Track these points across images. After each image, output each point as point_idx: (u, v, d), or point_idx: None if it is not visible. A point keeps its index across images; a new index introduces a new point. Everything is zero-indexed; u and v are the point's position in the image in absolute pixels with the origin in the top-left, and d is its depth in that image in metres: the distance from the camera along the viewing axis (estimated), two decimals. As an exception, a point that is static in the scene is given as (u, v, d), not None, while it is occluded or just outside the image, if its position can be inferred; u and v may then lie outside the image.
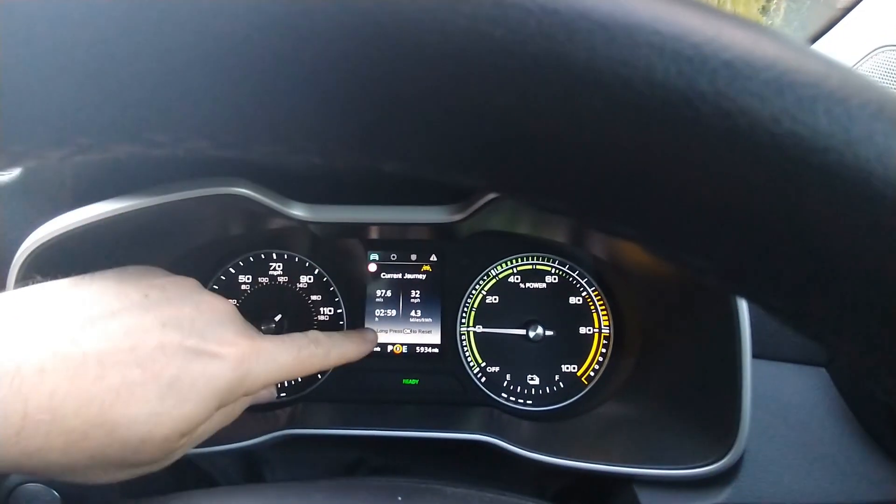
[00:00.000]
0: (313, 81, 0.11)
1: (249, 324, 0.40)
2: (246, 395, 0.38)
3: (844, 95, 0.10)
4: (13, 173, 0.48)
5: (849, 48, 0.71)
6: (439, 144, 0.11)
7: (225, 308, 0.39)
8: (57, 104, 0.12)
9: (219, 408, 0.35)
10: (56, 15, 0.11)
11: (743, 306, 0.40)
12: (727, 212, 0.11)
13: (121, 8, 0.11)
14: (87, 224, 0.41)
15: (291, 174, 0.47)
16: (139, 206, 0.40)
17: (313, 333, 0.45)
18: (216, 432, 0.38)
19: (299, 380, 0.59)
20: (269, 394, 0.44)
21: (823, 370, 0.46)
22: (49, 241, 0.40)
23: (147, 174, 0.44)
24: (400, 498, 0.33)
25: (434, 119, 0.11)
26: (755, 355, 0.41)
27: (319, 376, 0.59)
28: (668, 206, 0.11)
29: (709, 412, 0.45)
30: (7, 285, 0.40)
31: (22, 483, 0.45)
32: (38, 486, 0.45)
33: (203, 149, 0.13)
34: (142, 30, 0.11)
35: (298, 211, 0.46)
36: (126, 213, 0.40)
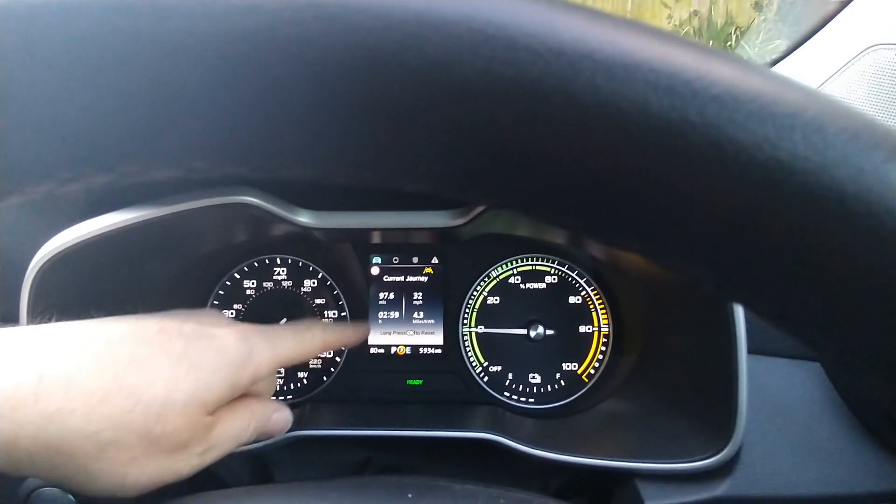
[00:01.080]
0: (352, 113, 0.12)
1: None
2: (255, 377, 0.37)
3: (821, 124, 0.11)
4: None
5: (842, 46, 0.72)
6: (459, 169, 0.13)
7: (213, 311, 0.42)
8: (103, 133, 0.13)
9: (232, 386, 0.35)
10: (109, 51, 0.12)
11: (737, 305, 0.42)
12: (719, 228, 0.12)
13: (171, 38, 0.12)
14: (98, 235, 0.42)
15: (296, 182, 0.48)
16: (149, 217, 0.41)
17: (308, 320, 0.47)
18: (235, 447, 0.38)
19: (306, 382, 0.60)
20: (283, 420, 0.43)
21: (818, 365, 0.48)
22: (61, 252, 0.41)
23: (154, 185, 0.45)
24: (410, 495, 0.34)
25: (453, 148, 0.12)
26: (751, 351, 0.42)
27: (325, 378, 0.60)
28: (666, 224, 0.12)
29: (706, 407, 0.46)
30: (21, 297, 0.41)
31: (39, 487, 0.46)
32: (55, 490, 0.46)
33: (239, 174, 0.14)
34: (187, 61, 0.12)
35: (304, 218, 0.47)
36: (137, 223, 0.41)
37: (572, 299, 0.59)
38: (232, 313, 0.60)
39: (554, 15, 0.11)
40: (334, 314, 0.60)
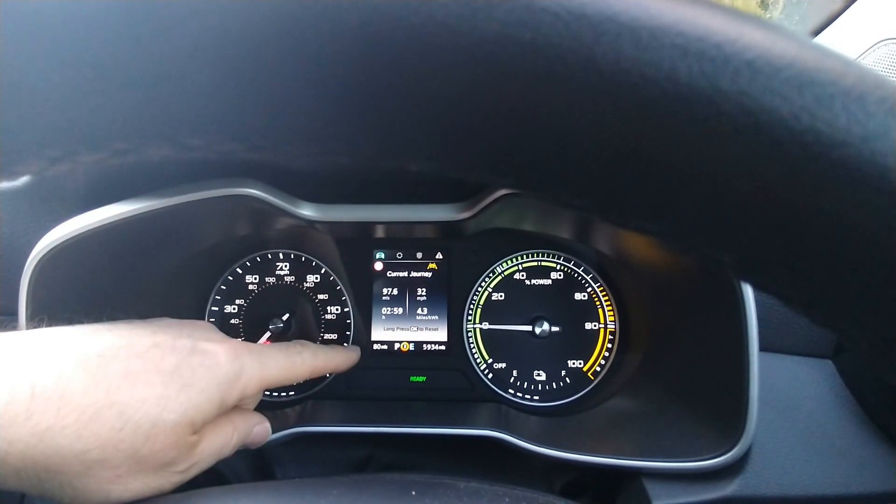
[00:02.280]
0: (350, 86, 0.11)
1: None
2: (242, 397, 0.38)
3: (861, 93, 0.10)
4: (24, 178, 0.48)
5: (849, 42, 0.71)
6: (469, 145, 0.12)
7: (205, 323, 0.42)
8: (96, 110, 0.12)
9: (221, 404, 0.36)
10: (102, 26, 0.12)
11: (750, 299, 0.41)
12: (749, 206, 0.11)
13: (163, 15, 0.11)
14: (99, 227, 0.41)
15: (299, 174, 0.47)
16: (151, 209, 0.41)
17: (299, 341, 0.48)
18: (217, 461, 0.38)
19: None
20: (264, 431, 0.43)
21: (829, 362, 0.47)
22: (61, 244, 0.41)
23: (156, 177, 0.44)
24: (414, 492, 0.33)
25: (465, 121, 0.11)
26: (761, 348, 0.42)
27: (328, 374, 0.59)
28: (692, 202, 0.11)
29: (716, 405, 0.45)
30: (20, 288, 0.41)
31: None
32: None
33: (235, 151, 0.13)
34: (180, 36, 0.12)
35: (307, 211, 0.47)
36: (138, 215, 0.41)
37: (578, 296, 0.58)
38: (234, 308, 0.59)
39: (573, -24, 0.10)
40: (337, 310, 0.60)
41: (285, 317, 0.58)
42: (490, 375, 0.58)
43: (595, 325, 0.58)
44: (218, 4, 0.12)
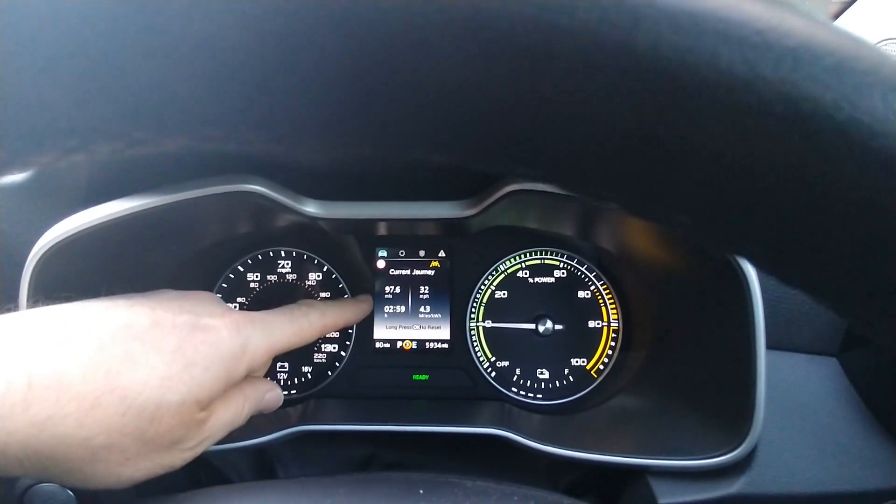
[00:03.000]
0: (379, 76, 0.11)
1: None
2: (250, 369, 0.37)
3: (898, 82, 0.10)
4: (27, 173, 0.48)
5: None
6: (503, 136, 0.12)
7: (208, 294, 0.40)
8: (114, 100, 0.12)
9: (227, 380, 0.35)
10: (120, 20, 0.11)
11: (757, 297, 0.41)
12: (786, 198, 0.11)
13: (183, 6, 0.11)
14: (100, 224, 0.40)
15: (302, 171, 0.47)
16: (154, 205, 0.40)
17: (305, 301, 0.46)
18: (230, 433, 0.38)
19: (310, 377, 0.59)
20: (276, 397, 0.43)
21: (835, 360, 0.47)
22: (62, 241, 0.40)
23: (158, 173, 0.44)
24: (422, 491, 0.33)
25: (499, 109, 0.11)
26: (766, 346, 0.41)
27: (330, 373, 0.59)
28: (728, 194, 0.11)
29: (722, 403, 0.45)
30: (21, 285, 0.40)
31: (35, 484, 0.45)
32: (53, 485, 0.45)
33: (254, 142, 0.13)
34: (201, 27, 0.11)
35: (311, 207, 0.46)
36: (140, 211, 0.40)
37: (581, 294, 0.58)
38: (236, 306, 0.59)
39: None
40: (339, 308, 0.59)
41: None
42: (493, 374, 0.58)
43: (598, 323, 0.58)
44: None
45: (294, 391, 0.59)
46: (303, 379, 0.59)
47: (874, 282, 0.12)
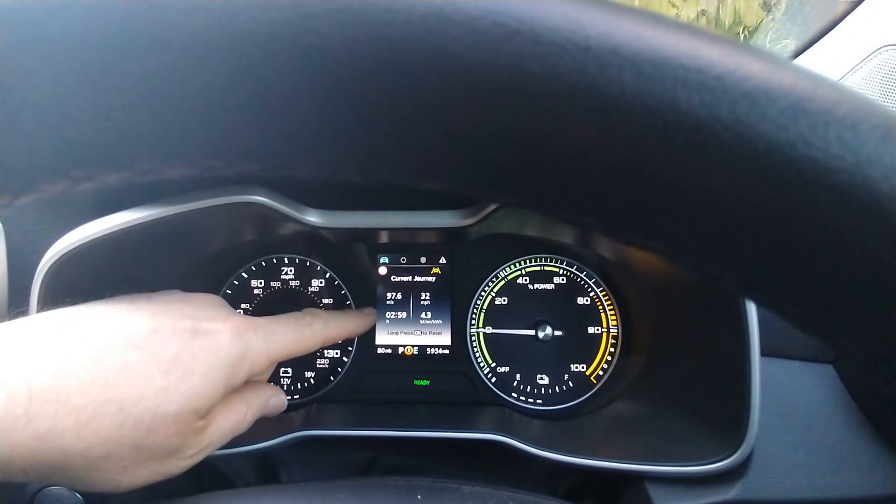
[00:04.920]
0: (367, 113, 0.12)
1: None
2: (250, 375, 0.37)
3: (854, 121, 0.11)
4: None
5: (853, 46, 0.71)
6: (477, 167, 0.12)
7: (213, 297, 0.40)
8: (121, 132, 0.13)
9: (226, 387, 0.35)
10: (130, 54, 0.12)
11: (751, 305, 0.41)
12: (747, 228, 0.12)
13: (183, 35, 0.12)
14: (107, 234, 0.41)
15: (304, 182, 0.48)
16: (161, 215, 0.41)
17: (309, 309, 0.46)
18: (232, 439, 0.38)
19: (312, 382, 0.60)
20: (280, 403, 0.43)
21: (831, 367, 0.47)
22: (71, 251, 0.41)
23: (164, 184, 0.45)
24: (420, 496, 0.33)
25: (473, 145, 0.12)
26: (762, 353, 0.42)
27: (332, 378, 0.60)
28: (692, 224, 0.12)
29: (718, 410, 0.45)
30: (31, 296, 0.41)
31: (45, 486, 0.46)
32: (62, 489, 0.46)
33: (253, 172, 0.14)
34: (204, 61, 0.12)
35: (313, 217, 0.47)
36: (148, 221, 0.41)
37: (581, 300, 0.59)
38: (240, 312, 0.60)
39: (579, 9, 0.11)
40: (342, 314, 0.60)
41: (290, 319, 0.59)
42: (493, 379, 0.59)
43: (598, 330, 0.58)
44: (235, 29, 0.13)
45: (297, 396, 0.60)
46: (305, 384, 0.60)
47: (838, 305, 0.13)
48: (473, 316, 0.59)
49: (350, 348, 0.60)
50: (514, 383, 0.59)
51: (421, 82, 0.11)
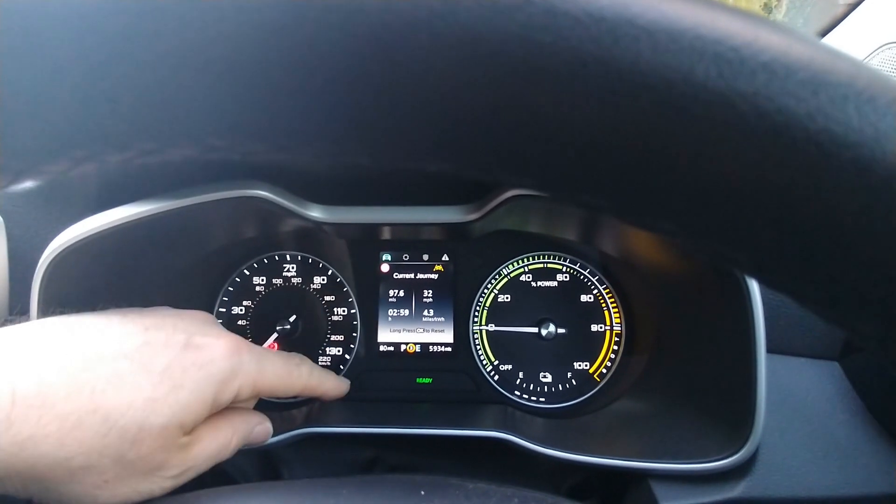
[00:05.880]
0: (374, 89, 0.12)
1: None
2: (237, 397, 0.37)
3: (873, 94, 0.11)
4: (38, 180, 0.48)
5: (853, 45, 0.71)
6: (491, 146, 0.12)
7: (205, 314, 0.40)
8: (123, 111, 0.13)
9: (214, 404, 0.35)
10: (136, 33, 0.12)
11: (757, 301, 0.41)
12: (764, 205, 0.11)
13: (189, 18, 0.12)
14: (109, 229, 0.41)
15: (306, 176, 0.47)
16: (162, 210, 0.41)
17: (298, 354, 0.47)
18: (212, 466, 0.37)
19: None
20: (265, 431, 0.42)
21: (836, 364, 0.47)
22: (71, 245, 0.41)
23: (167, 178, 0.44)
24: (423, 493, 0.33)
25: (484, 122, 0.12)
26: (767, 350, 0.42)
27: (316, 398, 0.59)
28: (708, 201, 0.12)
29: (723, 407, 0.45)
30: (32, 289, 0.41)
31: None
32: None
33: (258, 152, 0.13)
34: (206, 39, 0.12)
35: (315, 212, 0.47)
36: (149, 216, 0.41)
37: (584, 297, 0.58)
38: (241, 309, 0.60)
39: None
40: (344, 311, 0.60)
41: (292, 318, 0.58)
42: (496, 377, 0.59)
43: (601, 327, 0.58)
44: (239, 8, 0.12)
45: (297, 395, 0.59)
46: (307, 382, 0.60)
47: (855, 285, 0.12)
48: (476, 313, 0.59)
49: (352, 346, 0.60)
50: (517, 381, 0.58)
51: (431, 55, 0.11)
